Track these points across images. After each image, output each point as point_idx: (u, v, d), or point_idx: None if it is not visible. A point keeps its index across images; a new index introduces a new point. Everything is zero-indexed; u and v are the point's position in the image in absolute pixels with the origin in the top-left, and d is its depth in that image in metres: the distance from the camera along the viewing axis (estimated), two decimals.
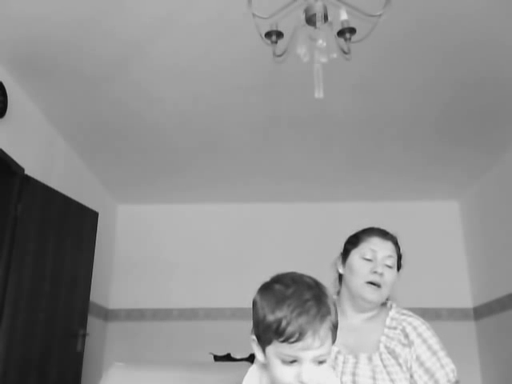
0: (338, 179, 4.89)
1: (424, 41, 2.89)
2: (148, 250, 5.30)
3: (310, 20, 1.83)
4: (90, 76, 3.25)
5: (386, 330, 1.52)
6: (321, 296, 1.02)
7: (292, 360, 0.99)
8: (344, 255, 1.62)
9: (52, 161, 3.90)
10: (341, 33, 1.88)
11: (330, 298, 1.04)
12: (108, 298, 5.12)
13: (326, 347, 1.00)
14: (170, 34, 2.83)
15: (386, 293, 1.55)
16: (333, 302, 1.05)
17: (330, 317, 1.01)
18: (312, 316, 0.98)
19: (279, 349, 0.99)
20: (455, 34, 2.82)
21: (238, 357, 3.06)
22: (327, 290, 1.06)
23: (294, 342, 0.97)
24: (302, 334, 0.97)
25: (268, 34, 1.94)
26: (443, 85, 3.34)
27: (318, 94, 1.82)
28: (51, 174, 3.82)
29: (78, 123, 3.86)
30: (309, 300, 1.00)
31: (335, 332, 1.03)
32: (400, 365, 1.44)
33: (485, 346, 4.75)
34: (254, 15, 1.93)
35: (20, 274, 3.16)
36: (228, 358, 3.18)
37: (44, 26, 2.77)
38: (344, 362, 1.45)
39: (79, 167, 4.47)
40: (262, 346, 1.04)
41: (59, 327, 3.47)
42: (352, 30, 1.88)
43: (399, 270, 1.60)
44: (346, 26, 1.87)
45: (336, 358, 1.46)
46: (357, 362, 1.44)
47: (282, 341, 0.97)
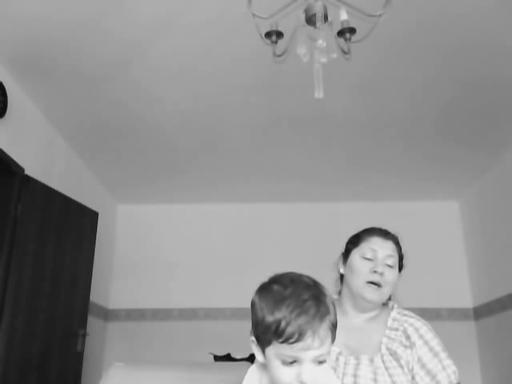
0: (338, 179, 4.89)
1: (424, 41, 2.89)
2: (148, 250, 5.30)
3: (310, 20, 1.83)
4: (89, 76, 3.24)
5: (387, 331, 1.51)
6: (319, 295, 1.02)
7: (292, 360, 0.98)
8: (345, 255, 1.62)
9: (52, 161, 3.90)
10: (341, 33, 1.88)
11: (329, 298, 1.04)
12: (108, 297, 5.12)
13: (325, 347, 0.99)
14: (170, 34, 2.83)
15: (387, 292, 1.54)
16: (331, 301, 1.04)
17: (329, 316, 1.00)
18: (311, 316, 0.98)
19: (279, 349, 0.98)
20: (455, 34, 2.82)
21: (238, 357, 3.05)
22: (326, 290, 1.05)
23: (294, 342, 0.96)
24: (301, 334, 0.96)
25: (268, 34, 1.94)
26: (443, 85, 3.33)
27: (318, 94, 1.82)
28: (51, 174, 3.82)
29: (77, 123, 3.86)
30: (307, 300, 0.99)
31: (335, 331, 1.02)
32: (401, 366, 1.43)
33: (485, 346, 4.74)
34: (253, 15, 1.93)
35: (20, 274, 3.16)
36: (228, 358, 3.18)
37: (44, 26, 2.77)
38: (345, 363, 1.45)
39: (79, 167, 4.47)
40: (261, 347, 1.03)
41: (59, 327, 3.47)
42: (352, 30, 1.88)
43: (401, 270, 1.59)
44: (345, 26, 1.87)
45: (337, 359, 1.46)
46: (358, 364, 1.44)
47: (282, 341, 0.97)
